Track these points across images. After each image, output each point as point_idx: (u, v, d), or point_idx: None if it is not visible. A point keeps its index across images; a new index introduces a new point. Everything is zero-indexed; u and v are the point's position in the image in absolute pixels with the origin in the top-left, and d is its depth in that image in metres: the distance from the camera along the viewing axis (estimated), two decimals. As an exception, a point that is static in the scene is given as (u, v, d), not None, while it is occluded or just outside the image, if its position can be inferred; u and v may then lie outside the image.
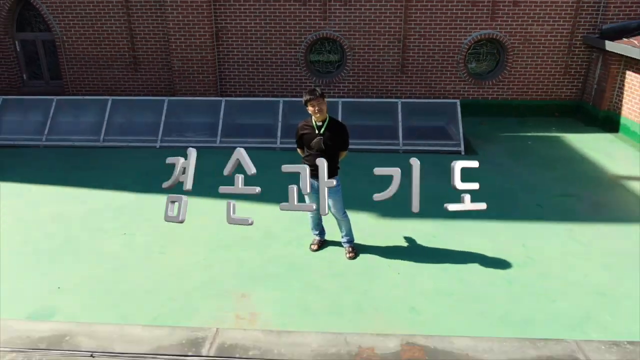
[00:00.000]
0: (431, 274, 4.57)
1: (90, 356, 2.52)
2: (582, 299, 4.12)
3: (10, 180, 6.91)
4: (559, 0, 9.13)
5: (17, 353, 2.56)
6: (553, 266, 4.72)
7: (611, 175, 7.11)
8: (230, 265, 4.71)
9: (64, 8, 9.74)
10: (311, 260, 4.84)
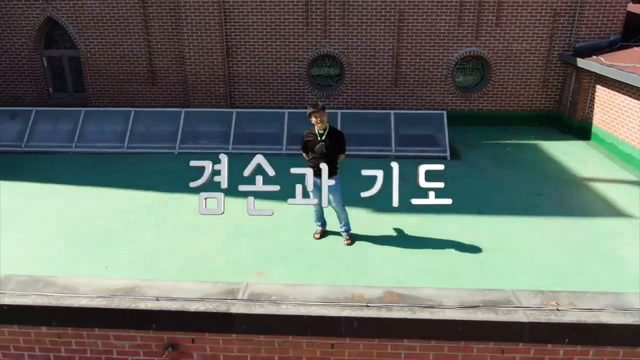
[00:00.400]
0: (415, 257, 5.52)
1: (156, 299, 3.46)
2: (539, 277, 5.05)
3: (49, 182, 7.89)
4: (537, 21, 10.18)
5: (101, 298, 3.50)
6: (519, 251, 5.66)
7: (578, 177, 8.10)
8: (247, 250, 5.66)
9: (89, 28, 10.79)
10: (315, 246, 5.80)
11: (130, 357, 3.62)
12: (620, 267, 5.24)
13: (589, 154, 9.24)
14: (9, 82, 11.36)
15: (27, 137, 9.44)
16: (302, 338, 3.44)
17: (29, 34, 10.94)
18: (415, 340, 3.41)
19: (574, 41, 10.15)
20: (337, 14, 10.31)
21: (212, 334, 3.50)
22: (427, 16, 10.24)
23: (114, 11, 10.60)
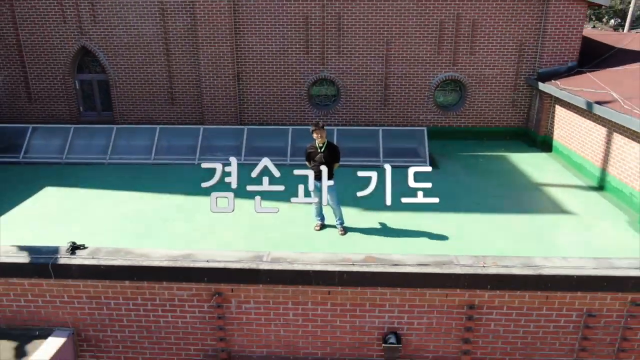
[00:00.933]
0: (396, 243, 7.09)
1: (206, 261, 5.00)
2: (485, 254, 6.62)
3: (89, 188, 9.46)
4: (505, 50, 11.89)
5: (168, 260, 5.04)
6: (475, 238, 7.24)
7: (536, 183, 9.72)
8: (262, 239, 7.21)
9: (117, 55, 12.46)
10: (315, 236, 7.38)
11: (187, 302, 5.15)
12: (552, 249, 6.82)
13: (548, 164, 10.88)
14: (46, 102, 12.99)
15: (67, 150, 11.05)
16: (308, 287, 4.98)
17: (64, 60, 12.60)
18: (386, 287, 4.95)
19: (537, 67, 11.85)
20: (333, 43, 12.01)
21: (246, 284, 5.04)
22: (410, 45, 11.95)
23: (139, 41, 12.28)
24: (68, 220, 7.88)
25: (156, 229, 7.55)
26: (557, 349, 5.10)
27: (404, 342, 5.12)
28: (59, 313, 5.29)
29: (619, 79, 10.25)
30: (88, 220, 7.85)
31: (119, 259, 5.11)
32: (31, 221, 7.89)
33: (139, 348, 5.39)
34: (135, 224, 7.72)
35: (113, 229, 7.51)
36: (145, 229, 7.55)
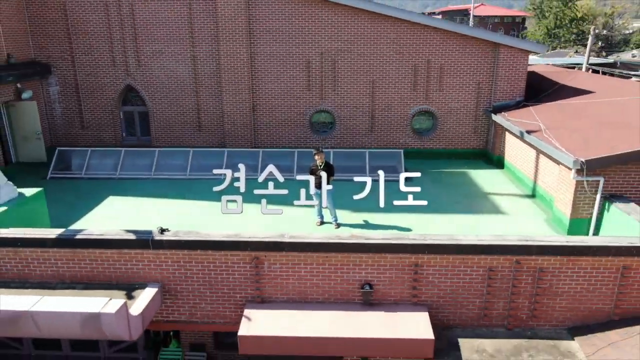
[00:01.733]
0: (374, 231, 10.06)
1: (249, 238, 7.91)
2: (435, 238, 9.60)
3: (142, 196, 12.45)
4: (467, 88, 15.03)
5: (224, 237, 7.98)
6: (434, 228, 10.22)
7: (486, 192, 12.74)
8: (278, 230, 10.17)
9: (155, 91, 15.55)
10: (316, 229, 10.34)
11: (236, 264, 8.07)
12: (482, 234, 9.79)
13: (499, 178, 13.92)
14: (96, 129, 16.04)
15: (119, 168, 14.06)
16: (313, 253, 7.91)
17: (112, 96, 15.70)
18: (362, 253, 7.89)
19: (493, 101, 14.99)
20: (329, 83, 15.15)
21: (274, 252, 7.98)
22: (392, 84, 15.09)
23: (174, 80, 15.40)
24: (136, 218, 10.85)
25: (201, 222, 10.51)
26: (472, 293, 8.04)
27: (375, 290, 8.06)
28: (152, 273, 8.22)
29: (551, 111, 13.38)
30: (151, 218, 10.82)
31: (192, 236, 8.08)
32: (109, 219, 10.86)
33: (202, 296, 8.31)
34: (186, 219, 10.69)
35: (172, 222, 10.47)
36: (193, 222, 10.51)
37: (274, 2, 14.51)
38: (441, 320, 8.21)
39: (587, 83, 15.53)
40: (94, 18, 15.01)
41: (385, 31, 14.65)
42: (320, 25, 14.67)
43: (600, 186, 9.68)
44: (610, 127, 11.21)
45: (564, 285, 7.98)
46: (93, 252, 8.14)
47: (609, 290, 7.95)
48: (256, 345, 7.69)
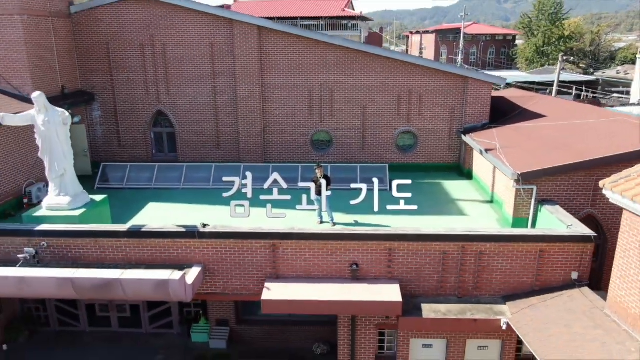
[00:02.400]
0: (363, 228, 13.09)
1: (269, 230, 10.88)
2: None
3: (175, 203, 15.47)
4: (442, 112, 18.14)
5: (250, 230, 10.96)
6: (407, 226, 13.24)
7: (454, 198, 15.79)
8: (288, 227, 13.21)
9: (182, 116, 18.65)
10: (316, 227, 13.38)
11: (259, 250, 11.05)
12: (444, 231, 12.83)
13: (467, 187, 16.97)
14: (130, 147, 19.10)
15: (154, 180, 17.12)
16: (316, 241, 10.92)
17: (145, 119, 18.80)
18: (351, 241, 10.90)
19: (463, 124, 18.11)
20: (327, 108, 18.27)
21: (286, 240, 10.98)
22: (379, 110, 18.21)
23: (197, 106, 18.52)
24: (173, 219, 13.86)
25: (224, 223, 13.53)
26: (432, 271, 11.05)
27: (360, 268, 11.06)
28: (197, 256, 11.23)
29: (508, 133, 16.47)
30: (184, 219, 13.83)
31: (226, 229, 11.11)
32: (153, 220, 13.86)
33: (233, 273, 11.31)
34: (212, 221, 13.70)
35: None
36: (217, 223, 13.51)
37: (280, 44, 17.70)
38: (409, 291, 11.22)
39: (544, 108, 18.65)
40: (132, 55, 18.17)
41: (374, 66, 17.81)
42: (319, 61, 17.84)
43: (534, 193, 12.73)
44: (551, 147, 14.28)
45: (498, 264, 11.02)
46: (154, 241, 11.18)
47: (531, 268, 10.98)
48: (274, 307, 10.71)
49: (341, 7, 44.88)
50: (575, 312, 10.15)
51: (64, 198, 11.86)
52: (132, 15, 17.79)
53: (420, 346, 11.91)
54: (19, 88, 15.79)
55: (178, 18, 17.73)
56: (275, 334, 14.31)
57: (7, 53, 15.54)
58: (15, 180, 14.95)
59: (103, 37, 18.05)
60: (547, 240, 10.82)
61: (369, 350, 11.94)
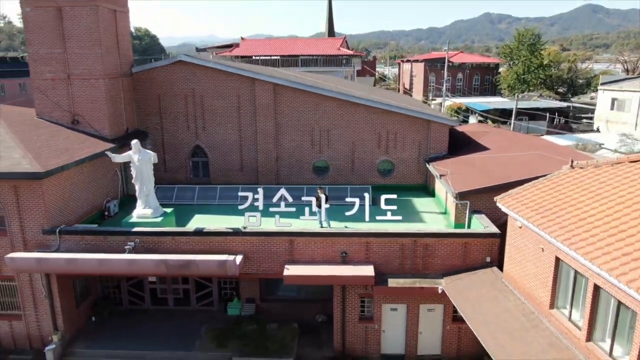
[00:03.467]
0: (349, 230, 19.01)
1: (287, 229, 16.68)
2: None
3: (213, 214, 21.33)
4: (412, 146, 24.17)
5: (275, 230, 16.78)
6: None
7: (419, 210, 21.72)
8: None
9: (214, 149, 24.63)
10: (318, 228, 19.31)
11: (280, 243, 16.85)
12: (406, 232, 18.77)
13: (430, 202, 22.90)
14: (173, 172, 25.02)
15: (195, 198, 23.01)
16: (318, 238, 16.75)
17: (186, 150, 24.77)
18: (342, 238, 16.72)
19: (428, 154, 24.14)
20: (325, 143, 24.32)
21: (299, 237, 16.78)
22: (365, 144, 24.25)
23: (226, 141, 24.52)
24: (218, 225, 19.71)
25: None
26: (394, 257, 16.89)
27: (348, 255, 16.91)
28: (240, 248, 17.05)
29: (458, 162, 22.47)
30: (226, 224, 19.68)
31: (259, 229, 16.98)
32: (205, 226, 19.69)
33: (264, 260, 17.13)
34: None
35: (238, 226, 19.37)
36: (252, 226, 19.36)
37: (289, 95, 23.80)
38: (380, 270, 17.07)
39: (490, 141, 24.71)
40: (177, 103, 24.22)
41: (360, 111, 23.91)
42: (318, 108, 23.94)
43: (468, 206, 18.64)
44: (483, 173, 20.22)
45: (438, 252, 16.91)
46: (212, 238, 17.05)
47: (459, 254, 16.87)
48: (292, 280, 16.60)
49: (336, 47, 51.41)
50: (484, 282, 16.04)
51: (148, 210, 17.79)
52: (178, 74, 23.92)
53: (389, 310, 17.72)
54: (99, 131, 21.75)
55: (213, 76, 23.86)
56: (288, 308, 20.08)
57: (92, 106, 21.56)
58: (98, 199, 20.81)
59: (155, 90, 24.14)
60: (470, 236, 16.75)
61: (354, 313, 17.74)
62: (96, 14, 20.67)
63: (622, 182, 13.29)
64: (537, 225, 13.20)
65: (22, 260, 16.37)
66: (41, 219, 17.22)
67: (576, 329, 12.06)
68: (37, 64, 21.22)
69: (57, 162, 17.51)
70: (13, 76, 58.65)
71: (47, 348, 17.58)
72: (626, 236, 10.99)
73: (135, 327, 19.60)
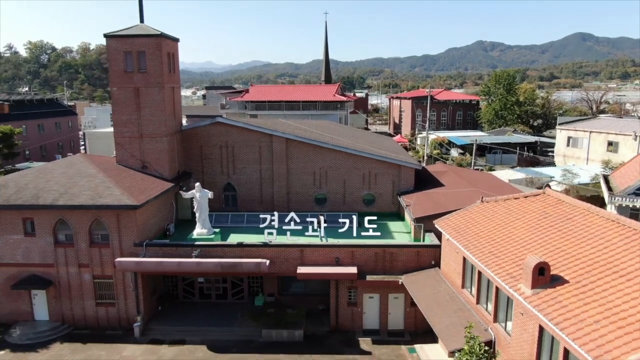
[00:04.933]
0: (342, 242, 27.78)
1: (298, 242, 25.28)
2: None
3: (243, 234, 30.05)
4: (388, 182, 33.08)
5: (292, 243, 25.39)
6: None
7: (392, 231, 30.51)
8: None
9: (241, 185, 33.47)
10: (319, 242, 28.11)
11: (294, 252, 25.45)
12: (380, 245, 27.54)
13: (400, 225, 31.70)
14: (210, 202, 33.70)
15: (229, 221, 31.75)
16: (320, 248, 25.41)
17: (220, 187, 33.59)
18: (335, 248, 25.40)
19: (400, 189, 33.04)
20: (324, 180, 33.26)
21: (307, 247, 25.42)
22: (353, 181, 33.19)
23: (251, 179, 33.41)
24: (247, 240, 28.41)
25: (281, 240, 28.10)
26: (370, 261, 25.53)
27: (340, 260, 25.55)
28: (266, 255, 25.67)
29: (420, 195, 31.36)
30: (254, 240, 28.41)
31: (279, 242, 25.70)
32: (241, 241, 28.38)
33: (284, 262, 25.74)
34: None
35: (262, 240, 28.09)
36: (273, 240, 28.07)
37: (297, 145, 32.79)
38: (361, 270, 25.75)
39: (448, 179, 33.65)
40: (214, 151, 33.16)
41: (350, 158, 32.88)
42: (319, 156, 32.91)
43: (423, 227, 27.39)
44: (435, 204, 29.03)
45: (400, 258, 25.67)
46: (249, 249, 25.78)
47: (414, 259, 25.63)
48: (303, 276, 25.22)
49: (332, 94, 60.94)
50: (429, 277, 24.75)
51: (204, 230, 26.57)
52: (215, 131, 32.96)
53: (367, 297, 26.32)
54: (161, 173, 30.59)
55: (241, 132, 32.90)
56: (298, 300, 28.62)
57: (157, 156, 30.43)
58: (162, 222, 29.48)
59: (198, 142, 33.11)
60: (421, 247, 25.51)
61: (344, 300, 26.30)
62: (162, 92, 29.75)
63: (508, 211, 22.16)
64: (454, 238, 22.01)
65: (126, 262, 25.01)
66: (133, 236, 25.91)
67: (473, 298, 20.75)
68: (119, 126, 30.21)
69: (144, 197, 26.32)
70: (48, 116, 67.38)
71: (135, 324, 26.03)
72: (501, 245, 19.74)
73: (189, 313, 28.10)
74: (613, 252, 16.19)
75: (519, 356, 16.69)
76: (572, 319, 13.92)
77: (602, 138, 56.79)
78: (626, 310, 13.47)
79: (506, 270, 17.74)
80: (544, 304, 15.01)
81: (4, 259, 26.46)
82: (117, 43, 29.21)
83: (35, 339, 25.95)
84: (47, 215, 25.95)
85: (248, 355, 24.34)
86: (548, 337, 15.10)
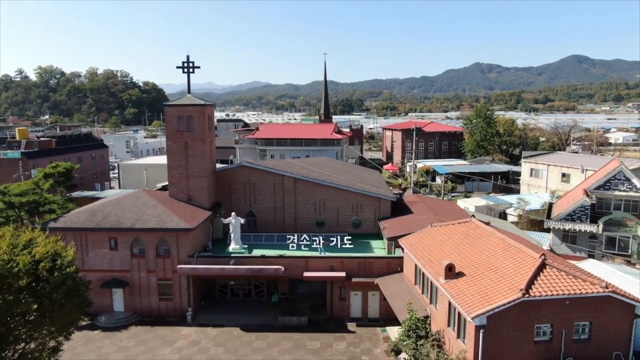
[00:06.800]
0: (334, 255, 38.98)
1: (305, 254, 36.20)
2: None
3: (262, 249, 41.29)
4: (371, 210, 44.33)
5: (304, 252, 36.40)
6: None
7: (373, 247, 41.71)
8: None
9: (261, 212, 44.73)
10: (319, 254, 39.33)
11: (301, 260, 36.54)
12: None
13: (380, 243, 42.86)
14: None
15: (251, 240, 42.95)
16: (320, 259, 36.50)
17: (243, 214, 44.81)
18: (331, 260, 36.48)
19: (380, 216, 44.31)
20: (322, 209, 44.55)
21: (311, 259, 36.53)
22: (344, 209, 44.52)
23: (268, 208, 44.68)
24: (269, 254, 39.55)
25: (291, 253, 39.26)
26: (356, 267, 36.60)
27: (334, 267, 36.65)
28: (281, 263, 36.76)
29: (394, 221, 42.60)
30: (272, 253, 39.56)
31: (290, 254, 36.88)
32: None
33: (296, 267, 36.85)
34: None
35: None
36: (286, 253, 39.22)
37: (303, 182, 44.15)
38: (349, 274, 36.87)
39: (418, 207, 44.91)
40: (240, 187, 44.52)
41: (343, 192, 44.20)
42: (318, 190, 44.26)
43: (393, 244, 38.55)
44: (405, 227, 40.20)
45: (377, 266, 36.86)
46: (270, 259, 36.96)
47: (386, 266, 36.82)
48: (308, 279, 36.34)
49: (329, 132, 72.67)
50: (395, 279, 35.93)
51: (237, 246, 37.89)
52: (241, 172, 44.41)
53: (353, 294, 37.41)
54: (202, 204, 41.89)
55: (260, 172, 44.33)
56: (303, 297, 39.64)
57: (200, 191, 41.77)
58: (203, 241, 40.65)
59: (228, 180, 44.51)
60: (391, 258, 36.72)
61: (336, 296, 37.37)
62: (204, 145, 41.28)
63: (445, 233, 33.40)
64: (410, 251, 33.24)
65: (185, 268, 36.20)
66: (187, 249, 37.10)
67: (420, 290, 31.89)
68: (172, 170, 41.65)
69: (195, 222, 37.61)
70: (85, 149, 78.91)
71: (187, 313, 37.07)
72: (435, 255, 30.90)
73: (224, 306, 39.14)
74: (494, 258, 27.41)
75: (441, 323, 27.81)
76: (462, 295, 25.10)
77: (558, 170, 68.32)
78: (490, 289, 24.64)
79: (435, 270, 28.92)
80: (450, 288, 26.18)
81: (95, 266, 37.62)
82: (173, 110, 40.88)
83: (116, 323, 36.95)
84: (126, 235, 37.20)
85: (269, 333, 35.29)
86: (453, 308, 26.24)
